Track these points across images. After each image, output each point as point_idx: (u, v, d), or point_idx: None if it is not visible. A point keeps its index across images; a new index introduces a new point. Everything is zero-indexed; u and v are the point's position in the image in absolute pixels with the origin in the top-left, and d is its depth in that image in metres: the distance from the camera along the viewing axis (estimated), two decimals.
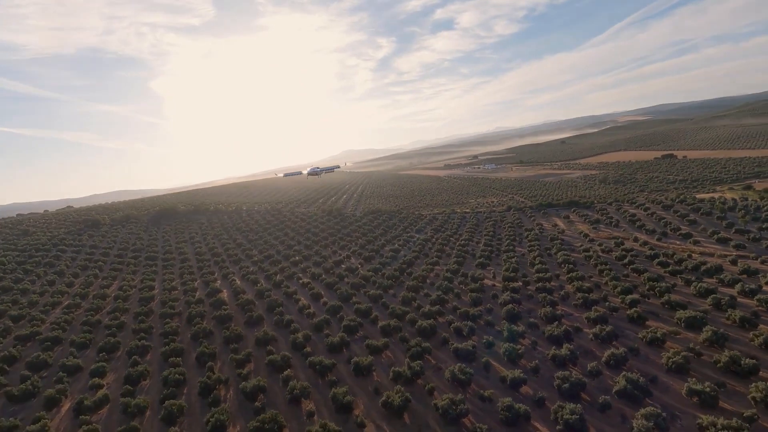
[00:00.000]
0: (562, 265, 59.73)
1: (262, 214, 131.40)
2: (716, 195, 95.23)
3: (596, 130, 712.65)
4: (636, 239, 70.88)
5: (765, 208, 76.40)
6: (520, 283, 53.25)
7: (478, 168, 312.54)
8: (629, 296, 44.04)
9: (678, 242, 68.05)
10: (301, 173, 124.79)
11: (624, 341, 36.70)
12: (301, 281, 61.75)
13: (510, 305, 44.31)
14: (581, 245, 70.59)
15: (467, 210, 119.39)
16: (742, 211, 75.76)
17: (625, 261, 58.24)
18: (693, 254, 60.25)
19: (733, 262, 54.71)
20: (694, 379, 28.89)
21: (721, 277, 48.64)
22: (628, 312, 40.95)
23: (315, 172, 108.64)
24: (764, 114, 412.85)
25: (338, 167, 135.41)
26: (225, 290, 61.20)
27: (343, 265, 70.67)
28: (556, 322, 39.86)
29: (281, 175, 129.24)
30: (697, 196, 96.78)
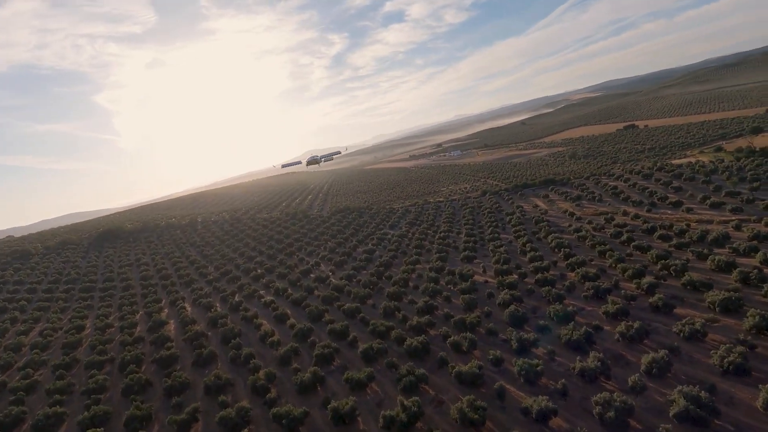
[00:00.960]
0: (557, 250, 53.65)
1: (220, 224, 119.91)
2: (692, 159, 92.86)
3: (552, 110, 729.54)
4: (625, 213, 66.07)
5: (747, 168, 73.66)
6: (516, 276, 46.61)
7: (444, 156, 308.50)
8: (644, 280, 37.99)
9: (669, 212, 63.64)
10: (300, 163, 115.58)
11: (657, 338, 30.39)
12: (263, 300, 52.65)
13: (512, 306, 37.31)
14: (570, 225, 65.07)
15: (440, 199, 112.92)
16: (727, 172, 72.66)
17: (623, 238, 52.81)
18: (691, 223, 55.65)
19: (737, 228, 50.19)
20: None
21: (734, 246, 43.62)
22: (650, 300, 34.77)
23: (314, 160, 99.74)
24: (706, 81, 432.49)
25: (339, 153, 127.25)
26: (172, 321, 51.33)
27: (311, 275, 62.08)
28: (572, 323, 33.10)
29: (279, 166, 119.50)
30: (673, 162, 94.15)
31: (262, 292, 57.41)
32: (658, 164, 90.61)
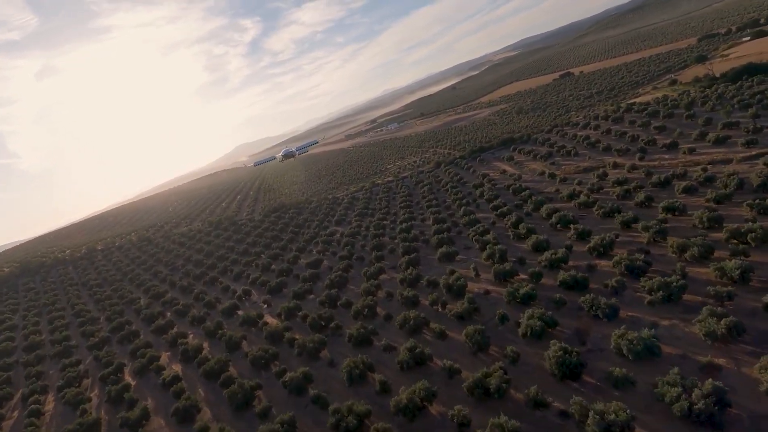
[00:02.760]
0: (561, 229, 40.65)
1: (126, 250, 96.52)
2: (658, 95, 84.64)
3: (478, 72, 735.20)
4: (616, 165, 54.90)
5: (728, 94, 65.35)
6: (526, 279, 32.71)
7: (381, 130, 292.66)
8: (731, 264, 25.25)
9: (668, 156, 53.16)
10: (274, 158, 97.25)
11: None
12: (163, 376, 34.70)
13: (555, 345, 23.01)
14: (556, 190, 52.77)
15: (389, 178, 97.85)
16: (710, 103, 63.76)
17: (639, 199, 40.82)
18: (707, 167, 44.98)
19: None
20: None
21: None
22: (766, 299, 21.98)
23: (290, 154, 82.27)
24: (618, 25, 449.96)
25: (316, 142, 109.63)
26: None
27: (239, 312, 44.68)
28: (676, 370, 19.31)
29: (251, 164, 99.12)
30: (636, 101, 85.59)
31: (166, 356, 39.30)
32: (623, 105, 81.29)
